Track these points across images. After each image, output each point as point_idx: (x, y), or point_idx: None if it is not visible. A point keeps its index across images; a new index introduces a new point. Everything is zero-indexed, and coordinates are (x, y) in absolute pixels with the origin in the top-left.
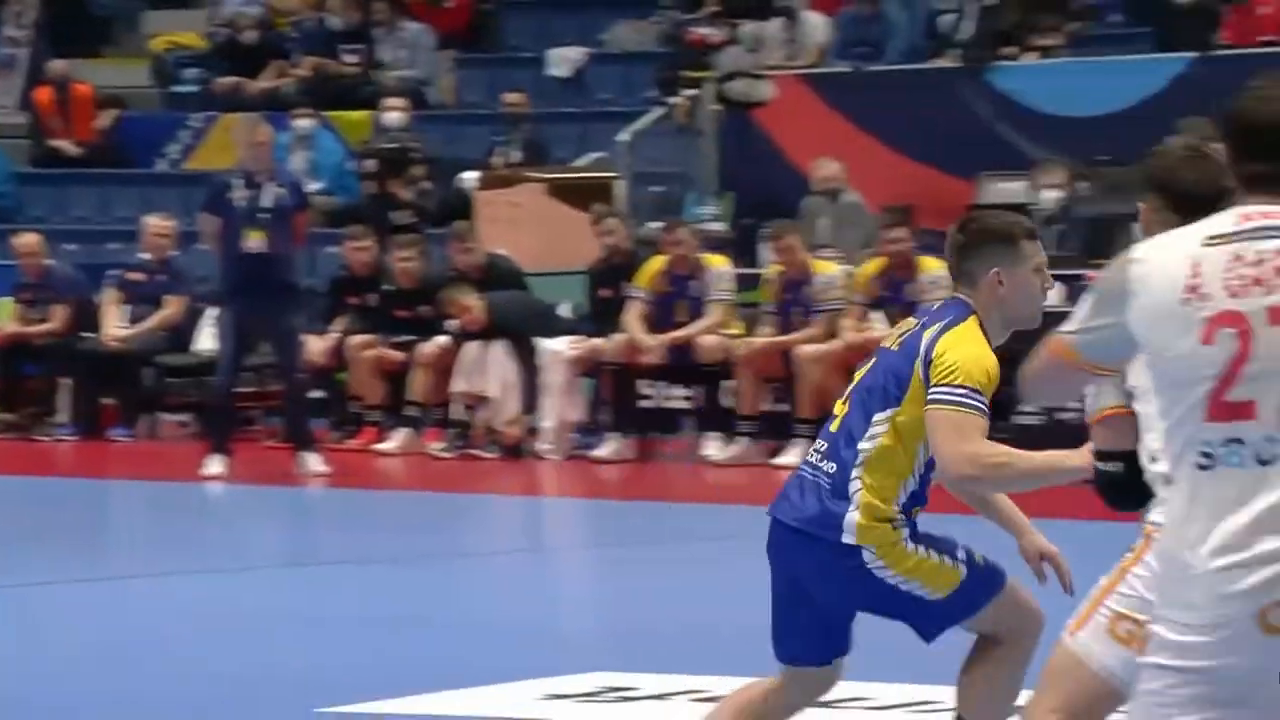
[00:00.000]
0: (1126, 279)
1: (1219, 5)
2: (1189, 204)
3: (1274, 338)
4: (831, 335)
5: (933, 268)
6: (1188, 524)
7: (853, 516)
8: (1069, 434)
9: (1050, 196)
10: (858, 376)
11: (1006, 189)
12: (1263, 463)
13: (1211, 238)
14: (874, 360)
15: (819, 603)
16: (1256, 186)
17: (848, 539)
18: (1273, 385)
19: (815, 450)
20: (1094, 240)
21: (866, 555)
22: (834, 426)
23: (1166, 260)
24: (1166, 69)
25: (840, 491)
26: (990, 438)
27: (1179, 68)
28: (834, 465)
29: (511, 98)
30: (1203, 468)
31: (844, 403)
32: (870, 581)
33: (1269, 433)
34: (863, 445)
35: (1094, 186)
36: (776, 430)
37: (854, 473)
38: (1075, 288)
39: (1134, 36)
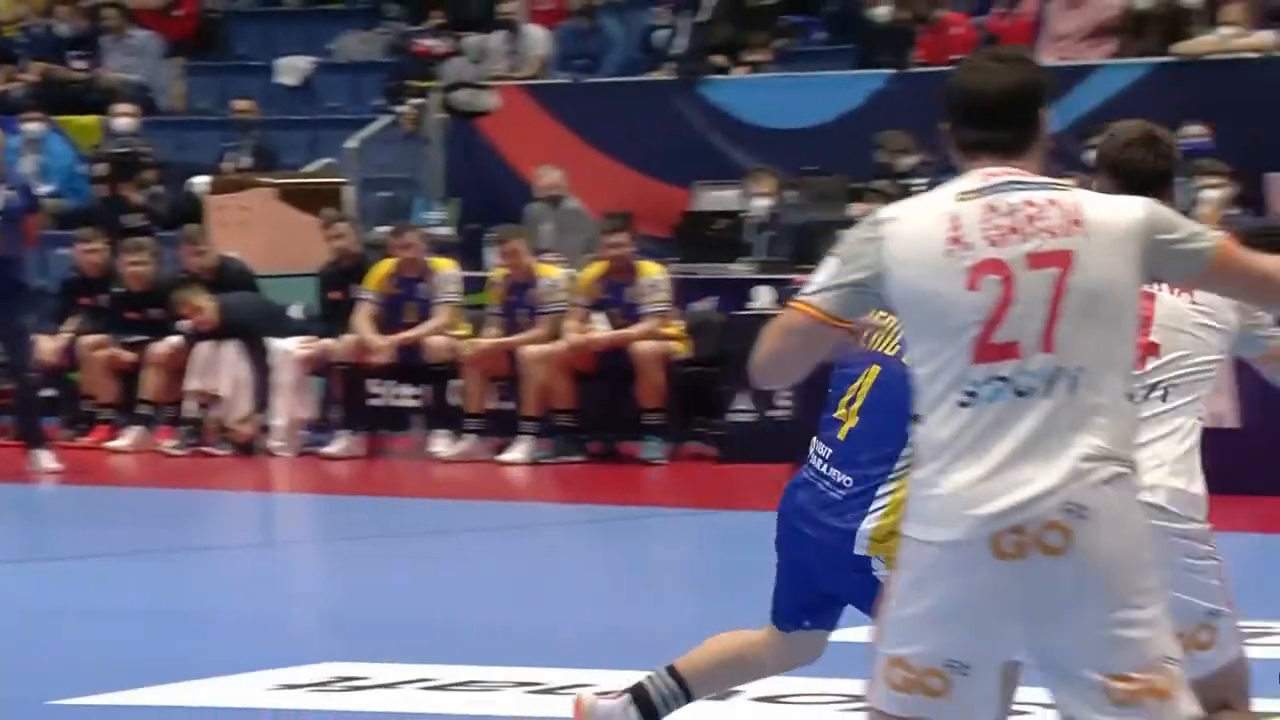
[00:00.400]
0: (878, 238)
1: (914, 26)
2: (1141, 185)
3: (1033, 281)
4: (555, 336)
5: (652, 272)
6: (942, 455)
7: (867, 528)
8: (783, 432)
9: (761, 204)
10: (865, 387)
11: (719, 197)
12: (1020, 394)
13: (964, 193)
14: (879, 372)
15: (825, 590)
16: (977, 152)
17: (859, 550)
18: (1032, 324)
19: (818, 455)
20: (802, 246)
21: (876, 564)
22: (841, 434)
23: (922, 217)
24: (866, 85)
25: (860, 503)
26: (698, 437)
27: (878, 84)
28: (849, 478)
29: (241, 105)
30: (964, 405)
31: (854, 413)
32: (877, 588)
33: (1028, 368)
34: (898, 465)
35: (801, 195)
36: (502, 427)
37: (884, 488)
38: (785, 292)
39: (836, 54)
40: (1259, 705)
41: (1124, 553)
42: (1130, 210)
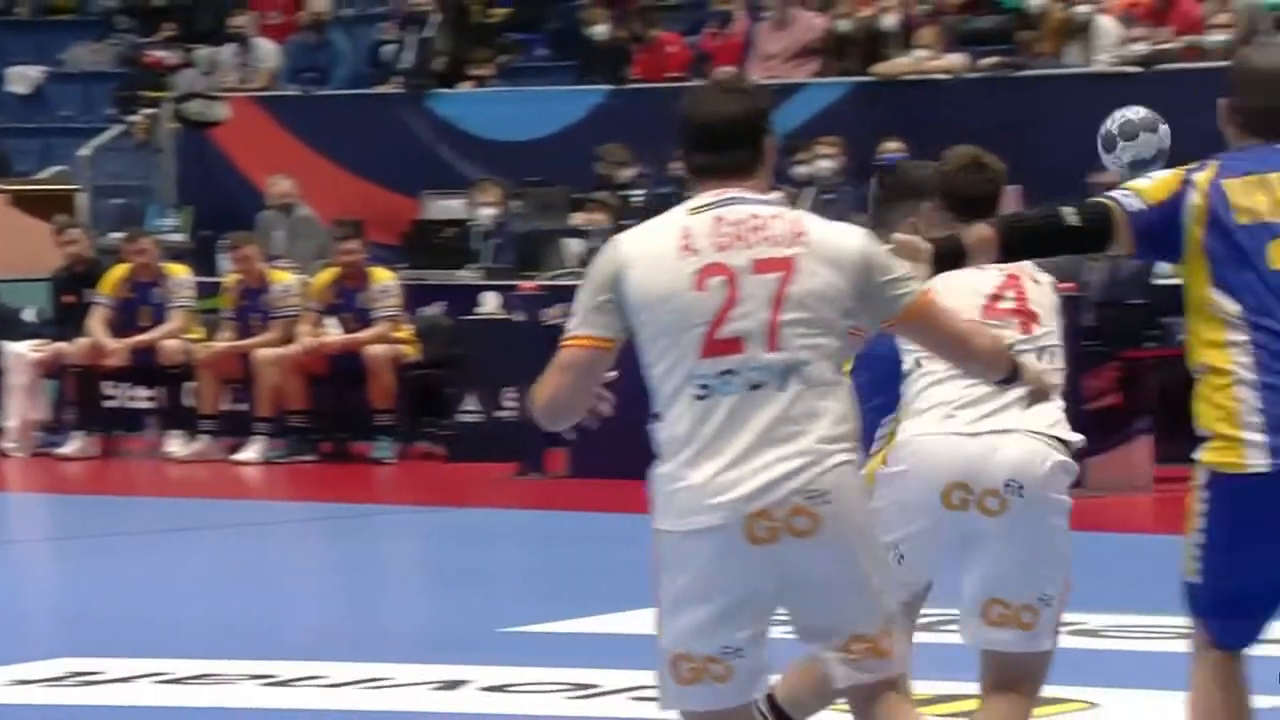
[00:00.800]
0: (618, 258)
1: (631, 44)
2: (967, 206)
3: (757, 284)
4: (288, 340)
5: (382, 277)
6: (686, 447)
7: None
8: (509, 432)
9: (487, 213)
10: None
11: (447, 206)
12: (753, 387)
13: (694, 208)
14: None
15: None
16: (705, 175)
17: None
18: (757, 323)
19: None
20: (526, 253)
21: None
22: None
23: (657, 233)
24: (586, 99)
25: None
26: (428, 437)
27: (597, 99)
28: None
29: None
30: (700, 398)
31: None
32: None
33: (755, 363)
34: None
35: (526, 204)
36: (236, 428)
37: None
38: (510, 297)
39: (558, 70)
40: (1261, 702)
41: (862, 529)
42: (851, 237)
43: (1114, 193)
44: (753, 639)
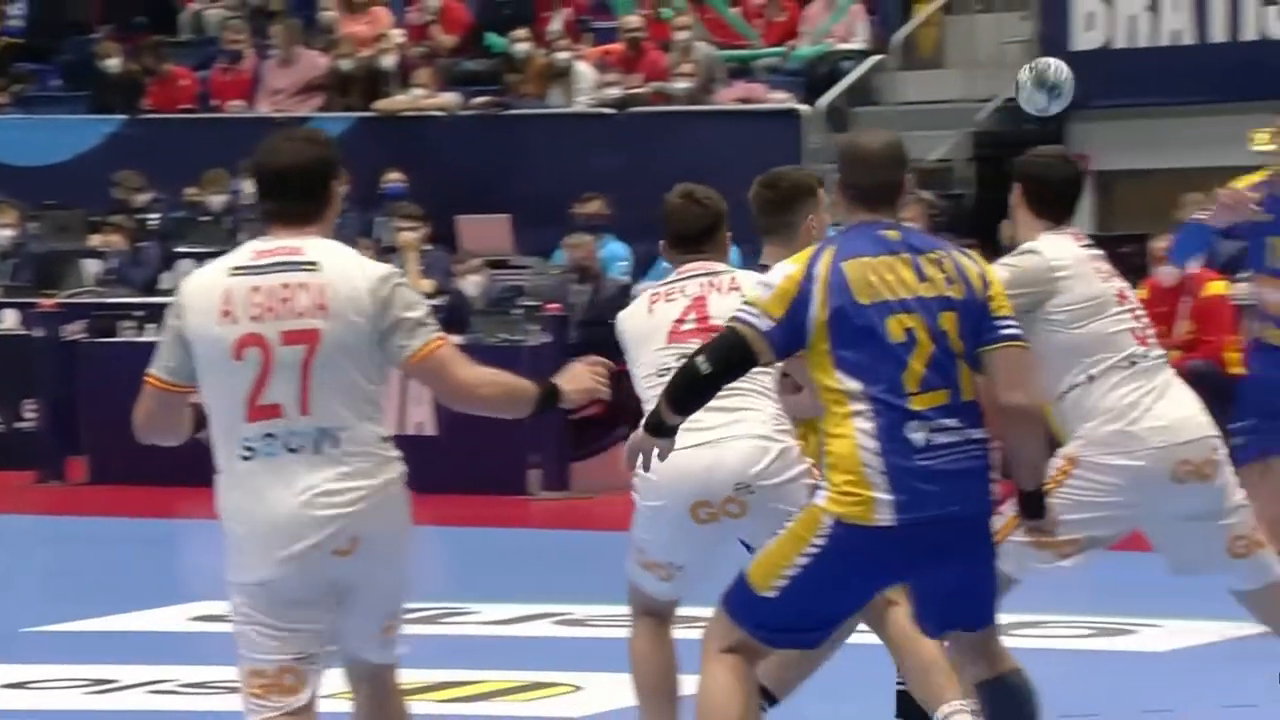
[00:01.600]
0: (178, 310)
1: (144, 76)
2: (686, 241)
3: (287, 354)
4: None
5: None
6: (240, 507)
7: None
8: (28, 442)
9: (5, 234)
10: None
11: None
12: (291, 450)
13: (235, 269)
14: None
15: None
16: (272, 220)
17: None
18: (290, 390)
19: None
20: (44, 273)
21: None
22: None
23: (205, 289)
24: (101, 128)
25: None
26: None
27: (112, 127)
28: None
29: None
30: (245, 459)
31: None
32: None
33: (292, 427)
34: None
35: (43, 226)
36: None
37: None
38: (29, 314)
39: (71, 99)
40: None
41: (394, 542)
42: (370, 295)
43: (740, 313)
44: (325, 642)
